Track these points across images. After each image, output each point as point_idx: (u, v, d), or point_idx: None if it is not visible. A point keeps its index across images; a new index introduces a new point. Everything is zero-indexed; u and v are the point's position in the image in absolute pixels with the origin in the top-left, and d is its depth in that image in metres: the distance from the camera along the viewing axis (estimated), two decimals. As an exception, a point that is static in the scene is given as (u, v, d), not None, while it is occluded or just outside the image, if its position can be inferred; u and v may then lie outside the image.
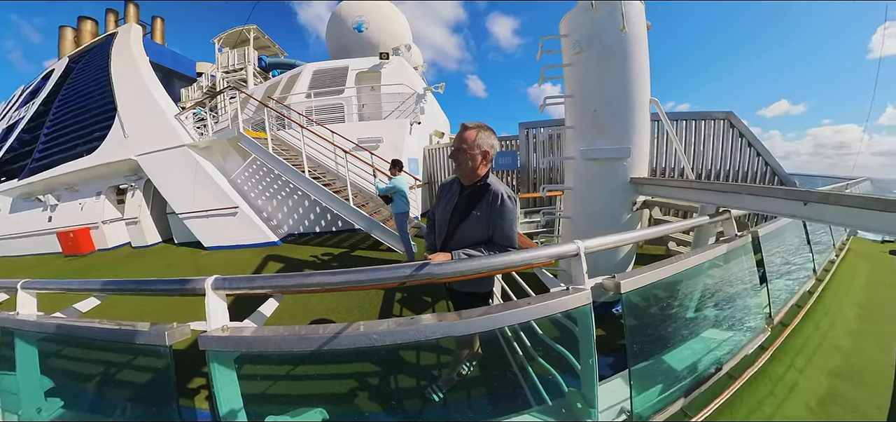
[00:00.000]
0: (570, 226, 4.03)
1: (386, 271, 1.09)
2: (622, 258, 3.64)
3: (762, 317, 2.84)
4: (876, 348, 3.10)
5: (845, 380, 2.57)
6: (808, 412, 2.19)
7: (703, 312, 2.26)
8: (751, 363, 2.46)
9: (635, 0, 3.33)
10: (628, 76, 3.33)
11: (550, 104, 3.96)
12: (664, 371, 1.92)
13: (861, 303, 4.08)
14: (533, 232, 5.94)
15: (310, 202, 7.80)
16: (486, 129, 1.63)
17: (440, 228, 1.77)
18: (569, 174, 3.97)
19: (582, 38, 3.42)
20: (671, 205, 4.50)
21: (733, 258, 2.46)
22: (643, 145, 3.53)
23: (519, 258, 1.24)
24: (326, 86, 10.39)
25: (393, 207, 4.92)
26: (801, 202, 2.09)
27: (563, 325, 1.37)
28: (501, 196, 1.56)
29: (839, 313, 3.68)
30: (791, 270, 3.70)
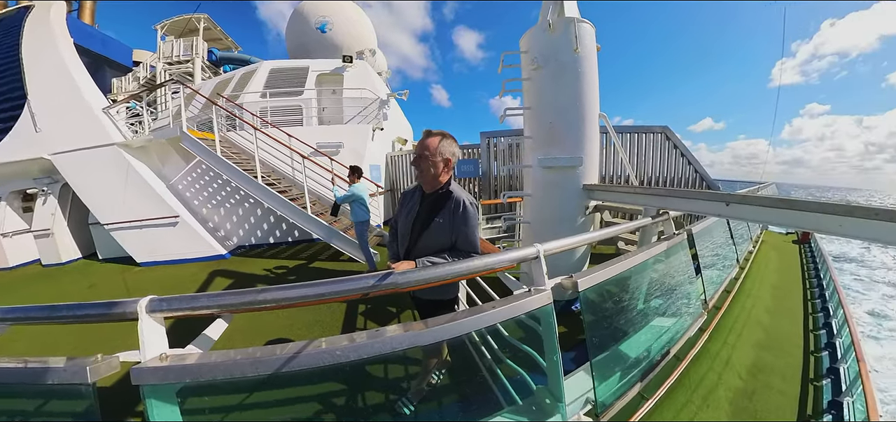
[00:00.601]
0: (529, 230, 4.21)
1: (347, 283, 1.04)
2: (578, 259, 3.87)
3: (699, 303, 3.24)
4: (788, 322, 3.81)
5: (768, 350, 3.09)
6: (741, 380, 2.57)
7: (650, 303, 2.49)
8: (693, 344, 2.78)
9: (587, 24, 3.64)
10: (580, 92, 3.62)
11: (510, 115, 4.18)
12: (621, 360, 2.08)
13: (774, 284, 4.89)
14: (495, 237, 6.09)
15: (263, 211, 7.24)
16: (448, 137, 1.65)
17: (403, 236, 1.75)
18: (527, 181, 4.16)
19: (540, 56, 3.66)
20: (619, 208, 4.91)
21: (673, 254, 2.74)
22: (594, 155, 3.82)
23: (482, 263, 1.26)
24: (284, 86, 9.82)
25: (353, 215, 4.74)
26: (724, 203, 2.41)
27: (527, 325, 1.41)
28: (463, 203, 1.58)
29: (759, 295, 4.38)
30: (719, 260, 4.27)
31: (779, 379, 2.68)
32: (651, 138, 7.92)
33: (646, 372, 2.17)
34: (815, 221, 1.81)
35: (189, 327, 1.16)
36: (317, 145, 7.85)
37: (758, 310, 3.88)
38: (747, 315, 3.69)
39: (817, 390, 2.64)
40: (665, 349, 2.47)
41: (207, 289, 5.03)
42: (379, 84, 11.01)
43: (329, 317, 3.66)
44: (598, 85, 3.77)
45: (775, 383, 2.63)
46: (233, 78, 10.57)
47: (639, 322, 2.29)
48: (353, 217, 4.77)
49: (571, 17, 3.59)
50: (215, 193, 7.25)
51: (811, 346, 3.37)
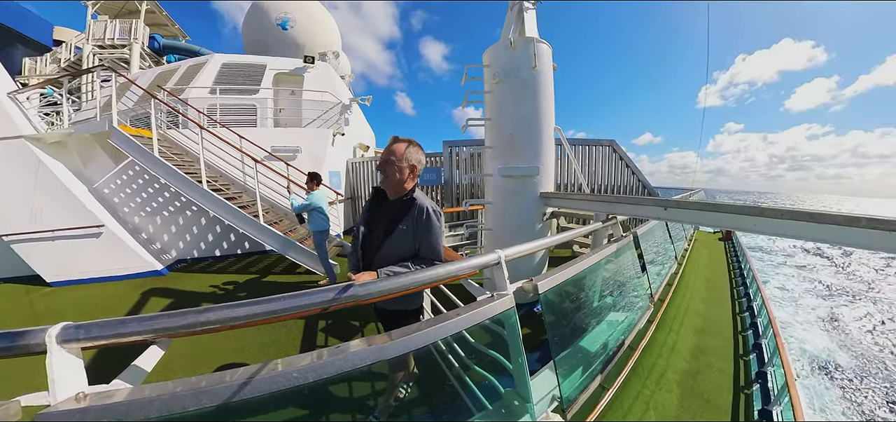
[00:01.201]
0: (491, 237, 4.32)
1: (305, 298, 0.97)
2: (537, 263, 4.04)
3: (646, 296, 3.60)
4: (719, 308, 4.38)
5: (706, 334, 3.54)
6: (686, 363, 2.91)
7: (604, 300, 2.70)
8: (643, 335, 3.09)
9: (545, 45, 3.92)
10: (538, 106, 3.87)
11: (472, 125, 4.30)
12: (582, 355, 2.22)
13: (707, 276, 5.66)
14: (458, 244, 6.15)
15: (208, 220, 6.57)
16: (415, 144, 1.64)
17: (365, 245, 1.70)
18: (488, 189, 4.29)
19: (501, 71, 3.86)
20: (573, 214, 5.22)
21: (622, 254, 2.98)
22: (550, 165, 4.06)
23: (446, 271, 1.26)
24: (237, 83, 9.11)
25: (311, 224, 4.51)
26: (663, 208, 2.68)
27: (492, 330, 1.43)
28: (427, 210, 1.58)
29: (694, 286, 5.03)
30: (661, 258, 4.77)
31: (716, 358, 3.07)
32: (600, 151, 8.70)
33: (605, 364, 2.35)
34: (735, 221, 2.10)
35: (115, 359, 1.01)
36: (272, 149, 7.37)
37: (695, 299, 4.44)
38: (686, 305, 4.21)
39: (746, 364, 3.07)
40: (620, 341, 2.70)
41: (140, 311, 4.45)
42: (341, 88, 10.66)
43: (285, 336, 3.41)
44: (553, 100, 4.05)
45: (714, 362, 3.00)
46: (178, 70, 9.59)
47: (595, 318, 2.46)
48: (310, 226, 4.53)
49: (531, 37, 3.86)
50: (151, 200, 6.40)
51: (739, 326, 3.91)
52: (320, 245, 4.56)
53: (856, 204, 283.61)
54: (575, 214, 5.10)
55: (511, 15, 4.10)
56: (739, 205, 2.08)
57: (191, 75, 9.27)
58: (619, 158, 8.66)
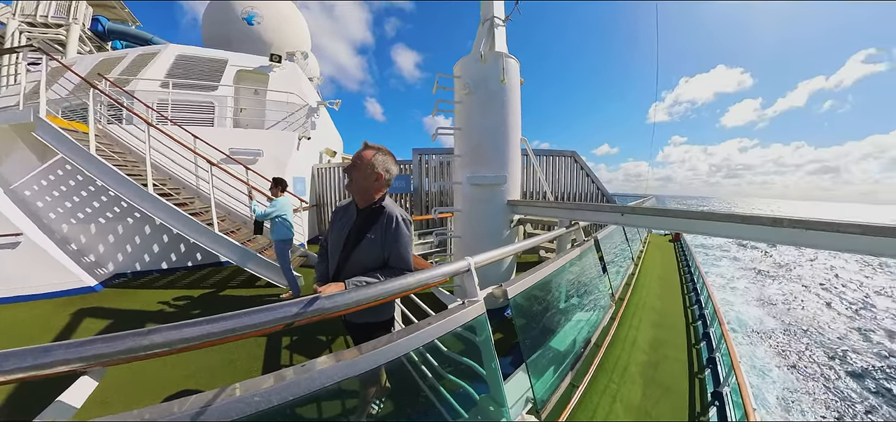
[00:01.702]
0: (460, 244, 4.36)
1: (266, 313, 0.91)
2: (506, 268, 4.13)
3: (608, 296, 3.85)
4: (672, 303, 4.81)
5: (662, 328, 3.86)
6: (646, 355, 3.14)
7: (570, 302, 2.83)
8: (607, 332, 3.31)
9: (513, 60, 4.12)
10: (505, 118, 4.02)
11: (442, 134, 4.35)
12: (553, 356, 2.30)
13: (660, 275, 6.19)
14: (427, 252, 6.12)
15: (153, 228, 5.94)
16: (386, 153, 1.62)
17: (333, 254, 1.64)
18: (457, 197, 4.34)
19: (471, 82, 3.97)
20: (539, 220, 5.42)
21: (585, 257, 3.15)
22: (516, 174, 4.21)
23: (416, 280, 1.24)
24: (194, 78, 8.41)
25: (273, 233, 4.27)
26: (620, 214, 2.88)
27: (464, 337, 1.43)
28: (396, 218, 1.56)
29: (650, 284, 5.50)
30: (619, 260, 5.12)
31: (672, 349, 3.37)
32: (562, 161, 9.20)
33: (573, 363, 2.48)
34: (682, 225, 2.35)
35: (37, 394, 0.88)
36: (230, 151, 6.91)
37: (650, 296, 4.86)
38: (644, 301, 4.59)
39: (698, 351, 3.40)
40: (586, 340, 2.86)
41: (69, 336, 3.90)
42: (309, 90, 10.25)
43: (245, 357, 3.15)
44: (520, 113, 4.23)
45: (671, 352, 3.29)
46: (124, 58, 8.70)
47: (563, 319, 2.57)
48: (273, 235, 4.29)
49: (500, 52, 4.04)
50: (84, 204, 5.62)
51: (690, 318, 4.31)
52: (283, 255, 4.33)
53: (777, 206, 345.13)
54: (540, 220, 5.32)
55: (483, 30, 4.26)
56: (686, 210, 2.34)
57: (140, 65, 8.42)
58: (580, 168, 9.20)
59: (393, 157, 1.65)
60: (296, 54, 10.99)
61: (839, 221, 1.53)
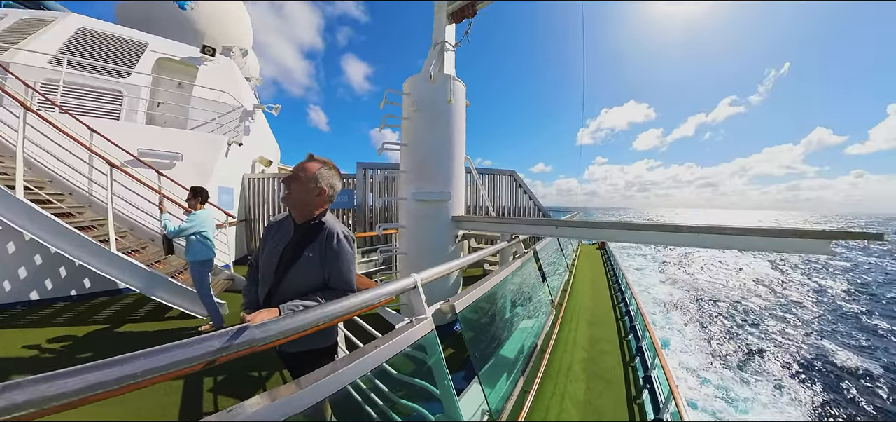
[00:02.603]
0: (406, 261, 4.32)
1: (181, 350, 0.76)
2: (452, 283, 4.17)
3: (548, 302, 4.20)
4: (602, 303, 5.45)
5: (596, 326, 4.33)
6: (586, 352, 3.51)
7: (516, 311, 2.99)
8: (550, 336, 3.62)
9: (460, 83, 4.33)
10: (451, 137, 4.18)
11: (388, 149, 4.37)
12: (503, 364, 2.38)
13: (591, 279, 7.02)
14: (371, 271, 5.91)
15: (21, 246, 4.54)
16: (332, 167, 1.53)
17: (265, 276, 1.48)
18: (403, 213, 4.31)
19: (420, 100, 4.08)
20: (482, 235, 5.63)
21: (526, 268, 3.36)
22: (460, 190, 4.36)
23: (360, 300, 1.17)
24: (99, 59, 7.00)
25: (189, 253, 3.67)
26: (555, 227, 3.14)
27: (415, 357, 1.39)
28: (337, 235, 1.47)
29: (583, 288, 6.19)
30: (556, 268, 5.59)
31: (607, 344, 3.83)
32: (503, 179, 9.78)
33: (523, 369, 2.63)
34: (606, 234, 2.70)
35: None
36: (139, 152, 5.89)
37: (584, 298, 5.47)
38: (578, 304, 5.15)
39: (628, 343, 3.87)
40: (533, 345, 3.07)
41: None
42: (245, 91, 9.28)
43: (153, 405, 2.59)
44: (465, 133, 4.44)
45: (606, 347, 3.73)
46: (1, 20, 7.00)
47: (510, 328, 2.70)
48: (188, 255, 3.68)
49: (449, 74, 4.24)
50: None
51: (618, 314, 4.90)
52: (201, 279, 3.75)
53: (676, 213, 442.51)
54: (483, 235, 5.53)
55: (434, 52, 4.46)
56: (609, 222, 2.72)
57: (23, 32, 6.82)
58: (519, 186, 9.86)
59: (338, 172, 1.57)
60: (233, 49, 9.99)
61: (720, 226, 2.03)
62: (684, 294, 18.05)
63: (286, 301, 1.34)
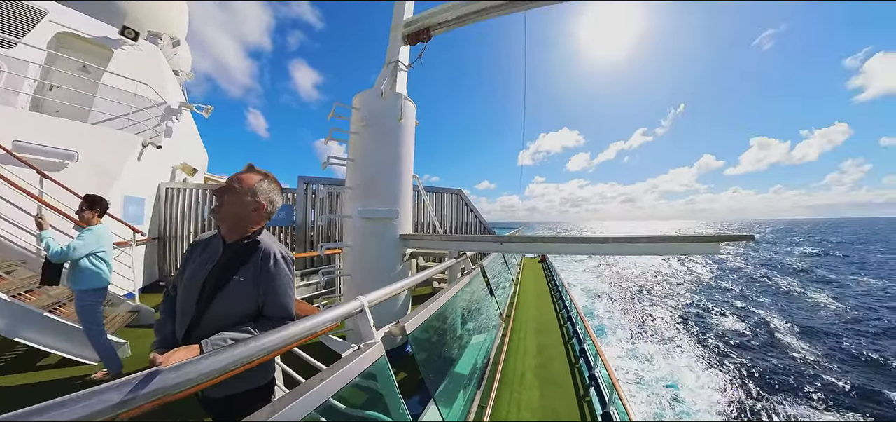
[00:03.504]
0: (351, 283, 4.10)
1: (61, 411, 0.60)
2: (402, 304, 4.06)
3: (497, 315, 4.37)
4: (546, 311, 5.85)
5: (543, 333, 4.61)
6: (536, 360, 3.71)
7: (467, 327, 3.04)
8: (502, 348, 3.75)
9: (411, 102, 4.37)
10: (400, 154, 4.16)
11: (334, 164, 4.21)
12: (459, 382, 2.37)
13: (535, 291, 7.51)
14: (313, 295, 5.49)
15: None
16: (274, 181, 1.40)
17: (185, 306, 1.26)
18: (348, 232, 4.13)
19: (369, 116, 4.02)
20: (430, 253, 5.63)
21: (474, 284, 3.45)
22: (408, 208, 4.32)
23: (301, 329, 1.05)
24: None
25: (76, 280, 2.90)
26: (500, 243, 3.28)
27: (365, 386, 1.28)
28: (274, 255, 1.32)
29: (528, 300, 6.62)
30: (502, 282, 5.86)
31: (554, 349, 4.09)
32: (450, 197, 10.02)
33: (478, 383, 2.66)
34: (546, 248, 2.96)
35: None
36: (15, 145, 4.70)
37: (530, 308, 5.82)
38: (525, 315, 5.45)
39: (572, 346, 4.13)
40: (486, 359, 3.13)
41: None
42: (171, 85, 8.05)
43: None
44: (413, 151, 4.47)
45: (553, 353, 3.99)
46: None
47: (462, 345, 2.72)
48: (73, 283, 2.90)
49: (400, 93, 4.26)
50: None
51: (561, 320, 5.29)
52: (91, 313, 2.99)
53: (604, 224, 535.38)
54: (431, 252, 5.54)
55: (387, 70, 4.47)
56: (548, 236, 3.01)
57: None
58: (465, 204, 10.17)
59: (280, 187, 1.44)
60: (162, 37, 8.67)
61: (637, 236, 2.48)
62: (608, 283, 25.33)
63: (211, 335, 1.15)
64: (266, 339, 0.95)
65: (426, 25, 4.77)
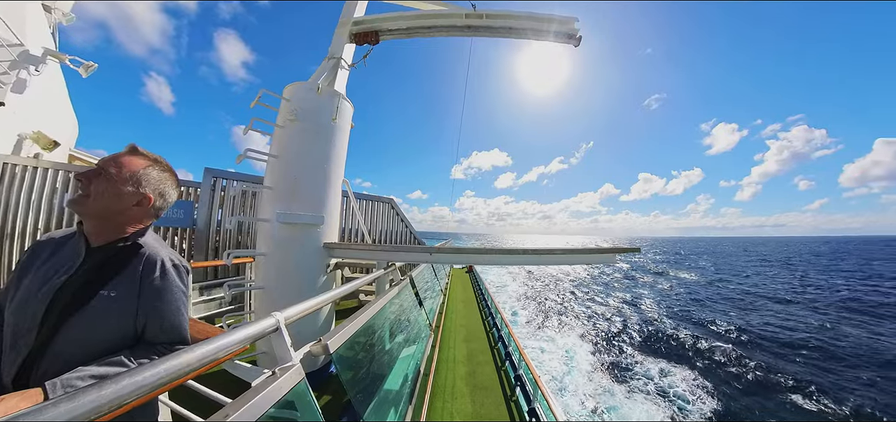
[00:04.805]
0: (264, 297, 3.65)
1: None
2: (324, 320, 3.78)
3: (427, 327, 4.40)
4: (474, 319, 6.17)
5: (471, 341, 4.81)
6: (466, 367, 3.84)
7: (396, 340, 2.95)
8: (432, 358, 3.76)
9: (348, 103, 4.17)
10: (330, 156, 3.93)
11: (253, 158, 3.67)
12: (389, 398, 2.27)
13: (462, 299, 7.78)
14: (215, 313, 4.75)
15: None
16: (166, 169, 1.13)
17: (19, 334, 0.93)
18: (262, 238, 3.69)
19: (301, 110, 3.70)
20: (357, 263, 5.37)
21: (403, 295, 3.39)
22: (335, 214, 4.09)
23: (198, 355, 0.86)
24: None
25: None
26: (429, 254, 3.31)
27: (281, 418, 1.10)
28: (161, 264, 1.07)
29: (457, 308, 6.84)
30: (431, 292, 5.90)
31: (481, 355, 4.28)
32: (380, 206, 9.77)
33: (410, 398, 2.60)
34: (473, 259, 3.05)
35: None
36: None
37: (458, 318, 6.01)
38: (454, 324, 5.60)
39: (498, 351, 4.36)
40: (416, 371, 3.08)
41: None
42: (34, 22, 5.93)
43: None
44: (345, 155, 4.26)
45: (481, 358, 4.16)
46: None
47: (391, 359, 2.63)
48: None
49: (339, 92, 4.06)
50: None
51: (487, 327, 5.55)
52: None
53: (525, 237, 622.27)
54: (358, 263, 5.27)
55: (327, 64, 4.22)
56: (475, 247, 3.15)
57: None
58: (396, 213, 10.03)
59: (175, 178, 1.17)
60: None
61: (552, 248, 2.79)
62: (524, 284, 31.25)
63: (63, 372, 0.87)
64: (148, 372, 0.75)
65: (376, 29, 4.67)
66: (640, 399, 10.33)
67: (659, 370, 12.42)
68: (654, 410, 9.84)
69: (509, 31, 4.73)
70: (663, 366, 12.77)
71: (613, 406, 9.80)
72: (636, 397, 10.42)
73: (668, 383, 11.49)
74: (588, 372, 12.12)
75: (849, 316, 20.03)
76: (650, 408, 9.93)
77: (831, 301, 24.17)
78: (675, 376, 11.95)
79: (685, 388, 11.08)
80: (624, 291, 28.78)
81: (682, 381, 11.59)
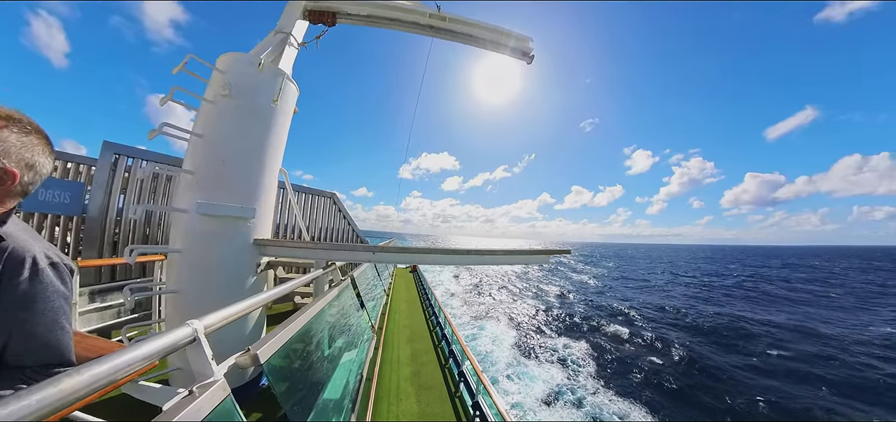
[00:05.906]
0: (179, 302, 3.15)
1: None
2: (254, 326, 3.42)
3: (369, 329, 4.29)
4: (418, 319, 6.19)
5: (415, 341, 4.86)
6: (410, 368, 3.82)
7: (336, 345, 2.81)
8: (375, 361, 3.68)
9: (294, 85, 3.79)
10: (267, 142, 3.53)
11: (169, 133, 3.03)
12: (330, 406, 2.14)
13: (406, 299, 7.74)
14: (112, 324, 4.02)
15: None
16: (33, 130, 0.88)
17: None
18: (177, 232, 3.20)
19: (236, 85, 3.24)
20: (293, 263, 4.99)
21: (343, 297, 3.26)
22: (269, 208, 3.70)
23: (86, 378, 0.69)
24: None
25: None
26: (372, 253, 3.24)
27: None
28: (31, 262, 0.86)
29: (400, 308, 6.80)
30: (374, 293, 5.69)
31: (426, 355, 4.28)
32: (322, 200, 9.21)
33: (352, 405, 2.49)
34: (417, 258, 3.12)
35: None
36: None
37: (402, 318, 5.99)
38: (398, 325, 5.57)
39: (441, 349, 4.41)
40: (359, 376, 2.99)
41: None
42: None
43: None
44: (285, 142, 3.86)
45: (426, 358, 4.16)
46: None
47: (331, 365, 2.49)
48: None
49: (283, 70, 3.68)
50: None
51: (431, 326, 5.61)
52: None
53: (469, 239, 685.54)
54: (294, 262, 4.88)
55: (272, 38, 3.81)
56: (420, 247, 3.14)
57: None
58: (338, 209, 9.52)
59: (47, 143, 0.92)
60: None
61: (494, 250, 2.93)
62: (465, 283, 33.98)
63: None
64: (12, 405, 0.60)
65: (335, 10, 4.36)
66: (547, 366, 13.56)
67: (563, 344, 16.26)
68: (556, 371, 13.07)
69: (469, 39, 4.84)
70: (566, 341, 16.81)
71: (526, 372, 12.57)
72: (543, 365, 13.61)
73: (567, 353, 15.12)
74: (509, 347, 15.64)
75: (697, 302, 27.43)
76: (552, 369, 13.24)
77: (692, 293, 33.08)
78: (573, 348, 15.86)
79: (579, 356, 14.89)
80: (548, 285, 35.11)
81: (577, 351, 15.56)
